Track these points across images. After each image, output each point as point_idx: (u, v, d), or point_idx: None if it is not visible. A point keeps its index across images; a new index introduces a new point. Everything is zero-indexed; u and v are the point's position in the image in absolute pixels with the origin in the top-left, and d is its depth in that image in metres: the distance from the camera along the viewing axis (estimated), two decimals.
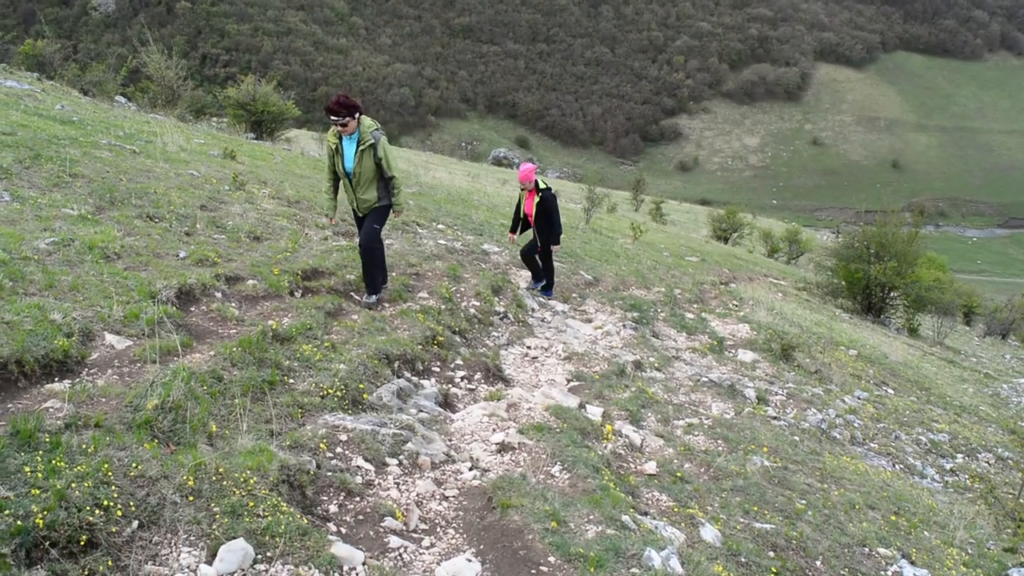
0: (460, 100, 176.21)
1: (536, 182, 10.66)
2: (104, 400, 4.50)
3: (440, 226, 13.29)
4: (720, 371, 10.31)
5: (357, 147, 7.55)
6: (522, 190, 10.97)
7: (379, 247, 8.12)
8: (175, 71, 29.58)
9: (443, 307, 8.46)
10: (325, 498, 4.44)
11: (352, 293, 8.18)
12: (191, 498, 3.83)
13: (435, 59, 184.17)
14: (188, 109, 28.45)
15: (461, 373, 7.36)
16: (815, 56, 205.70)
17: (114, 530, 3.49)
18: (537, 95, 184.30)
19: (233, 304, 6.64)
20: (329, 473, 4.59)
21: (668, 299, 14.17)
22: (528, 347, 8.93)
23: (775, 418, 8.91)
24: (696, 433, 7.52)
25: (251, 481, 4.06)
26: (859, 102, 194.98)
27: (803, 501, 6.42)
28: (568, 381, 8.05)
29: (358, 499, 4.54)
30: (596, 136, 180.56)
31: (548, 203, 10.64)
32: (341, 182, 7.92)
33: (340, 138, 7.62)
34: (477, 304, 9.21)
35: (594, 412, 7.00)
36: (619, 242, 21.31)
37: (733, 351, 11.78)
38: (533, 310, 10.35)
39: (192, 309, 6.30)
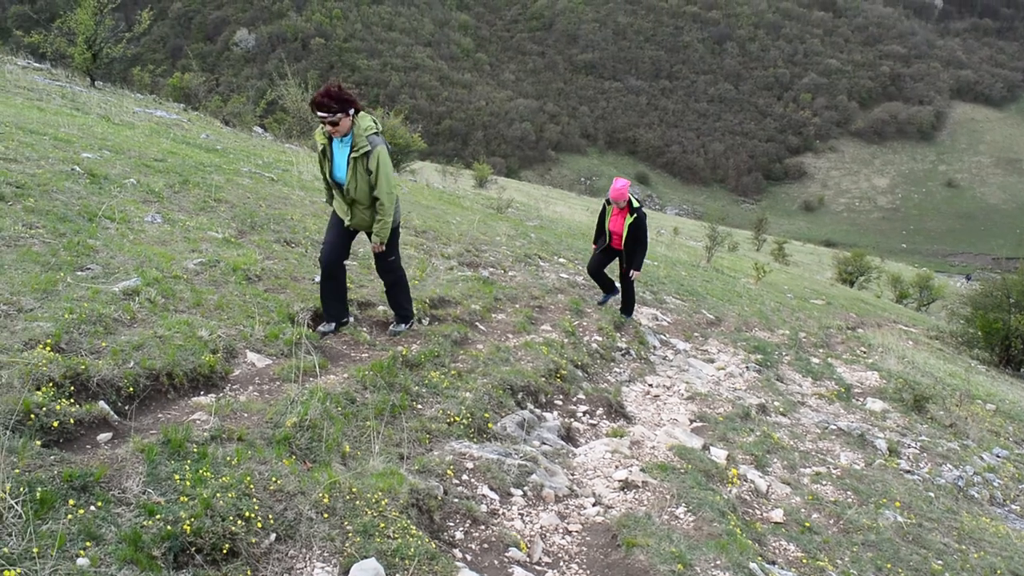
0: (580, 135, 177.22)
1: (629, 200, 10.03)
2: (246, 415, 4.70)
3: (561, 260, 13.36)
4: (848, 419, 9.92)
5: (349, 153, 6.13)
6: (609, 205, 10.30)
7: (400, 273, 6.98)
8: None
9: (566, 340, 8.48)
10: (451, 524, 4.48)
11: (477, 323, 8.30)
12: (326, 515, 3.94)
13: (557, 95, 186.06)
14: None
15: (583, 408, 7.34)
16: (951, 94, 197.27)
17: (253, 541, 3.62)
18: (658, 131, 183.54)
19: (365, 329, 6.85)
20: (456, 500, 4.64)
21: (793, 342, 13.78)
22: (650, 385, 8.84)
23: (908, 472, 8.49)
24: (824, 482, 7.25)
25: (382, 503, 4.15)
26: (998, 143, 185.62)
27: (940, 562, 6.08)
28: (691, 421, 7.91)
29: (483, 527, 4.57)
30: (717, 174, 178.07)
31: (641, 224, 10.10)
32: (334, 191, 6.47)
33: (331, 139, 6.20)
34: (599, 339, 9.19)
35: (718, 454, 6.85)
36: (741, 282, 20.91)
37: (861, 399, 11.32)
38: (655, 347, 10.25)
39: (324, 331, 6.53)
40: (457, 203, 21.81)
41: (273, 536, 3.71)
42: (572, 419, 6.98)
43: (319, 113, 5.84)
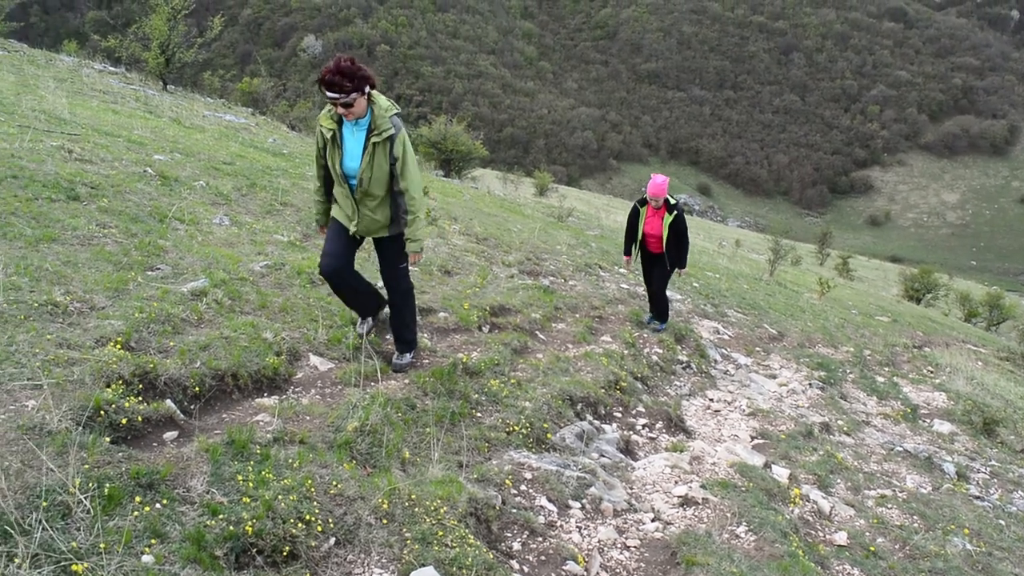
0: (642, 145, 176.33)
1: (667, 198, 9.35)
2: (308, 418, 4.73)
3: (622, 270, 13.25)
4: (915, 441, 9.64)
5: (368, 138, 5.17)
6: (642, 206, 9.54)
7: (408, 285, 5.98)
8: None
9: (626, 352, 8.40)
10: (509, 535, 4.45)
11: (537, 332, 8.26)
12: (385, 521, 3.94)
13: (619, 104, 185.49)
14: None
15: (643, 421, 7.25)
16: None
17: (313, 544, 3.63)
18: (721, 142, 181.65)
19: (425, 334, 6.86)
20: (514, 510, 4.61)
21: (857, 360, 13.46)
22: (711, 399, 8.70)
23: (977, 498, 8.21)
24: (889, 506, 7.04)
25: (441, 511, 4.14)
26: None
27: None
28: (752, 438, 7.76)
29: (540, 539, 4.53)
30: (781, 186, 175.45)
31: (682, 223, 9.37)
32: (336, 188, 5.51)
33: (340, 123, 5.23)
34: (659, 351, 9.09)
35: (780, 473, 6.70)
36: (804, 296, 20.52)
37: (928, 420, 11.00)
38: (716, 361, 10.10)
39: (387, 337, 6.55)
40: (518, 211, 21.84)
41: (333, 540, 3.72)
42: (631, 432, 6.90)
43: (329, 94, 4.84)
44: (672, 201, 9.34)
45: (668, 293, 12.20)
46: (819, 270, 38.52)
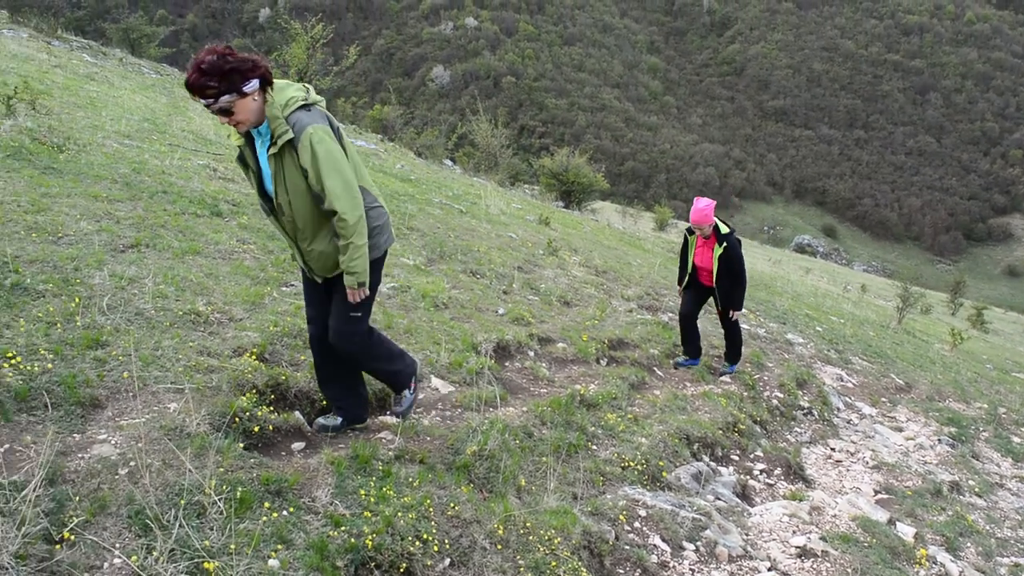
0: (766, 183, 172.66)
1: (716, 226, 8.06)
2: (428, 439, 4.82)
3: (742, 310, 12.99)
4: None
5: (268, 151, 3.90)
6: (691, 235, 8.34)
7: (360, 340, 4.39)
8: (499, 139, 31.71)
9: (745, 394, 8.21)
10: (621, 571, 4.40)
11: (655, 368, 8.18)
12: (499, 547, 3.96)
13: (744, 140, 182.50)
14: (506, 175, 30.37)
15: (760, 466, 7.05)
16: None
17: (429, 563, 3.68)
18: (849, 183, 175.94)
19: (544, 364, 6.89)
20: (627, 547, 4.56)
21: (991, 417, 12.72)
22: (832, 449, 8.39)
23: None
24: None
25: (555, 541, 4.13)
26: None
27: None
28: (875, 492, 7.44)
29: None
30: (912, 231, 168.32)
31: (735, 253, 8.15)
32: (272, 222, 4.31)
33: (249, 138, 3.99)
34: (780, 396, 8.84)
35: (905, 531, 6.39)
36: (935, 347, 19.59)
37: None
38: (839, 409, 9.74)
39: (507, 364, 6.62)
40: (638, 245, 21.73)
41: (448, 561, 3.77)
42: (748, 476, 6.72)
43: (199, 100, 3.63)
44: (723, 229, 8.07)
45: (790, 335, 11.87)
46: (951, 320, 36.71)
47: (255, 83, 3.69)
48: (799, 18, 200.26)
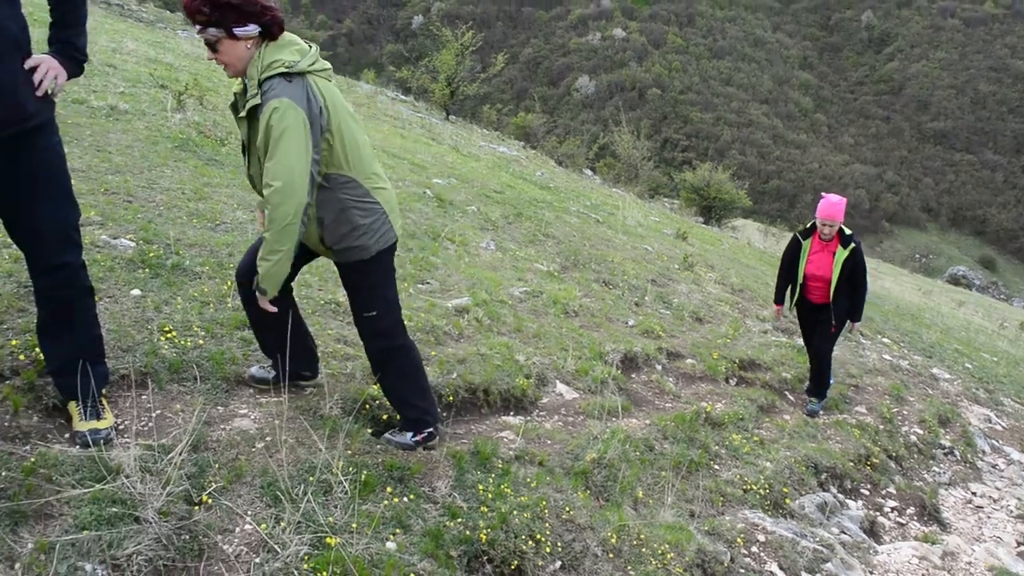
0: (920, 209, 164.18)
1: (841, 228, 7.10)
2: (549, 442, 4.87)
3: (885, 340, 12.43)
4: None
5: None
6: (805, 239, 7.25)
7: (394, 345, 4.00)
8: (640, 151, 31.55)
9: (881, 427, 7.87)
10: None
11: (786, 392, 7.95)
12: (611, 555, 3.96)
13: (899, 163, 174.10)
14: (645, 187, 30.16)
15: (892, 503, 6.73)
16: None
17: (540, 564, 3.72)
18: (1014, 213, 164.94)
19: (671, 379, 6.83)
20: (741, 570, 4.46)
21: None
22: (973, 493, 7.92)
23: None
24: None
25: (668, 556, 4.09)
26: None
27: None
28: (1018, 543, 6.96)
29: None
30: None
31: (860, 259, 7.11)
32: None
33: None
34: (919, 432, 8.42)
35: None
36: None
37: None
38: (984, 452, 9.18)
39: (633, 376, 6.60)
40: (778, 265, 21.13)
41: (558, 564, 3.79)
42: (878, 512, 6.43)
43: (193, 23, 3.30)
44: (847, 231, 7.08)
45: (936, 370, 11.26)
46: None
47: (252, 29, 3.30)
48: (965, 36, 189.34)
